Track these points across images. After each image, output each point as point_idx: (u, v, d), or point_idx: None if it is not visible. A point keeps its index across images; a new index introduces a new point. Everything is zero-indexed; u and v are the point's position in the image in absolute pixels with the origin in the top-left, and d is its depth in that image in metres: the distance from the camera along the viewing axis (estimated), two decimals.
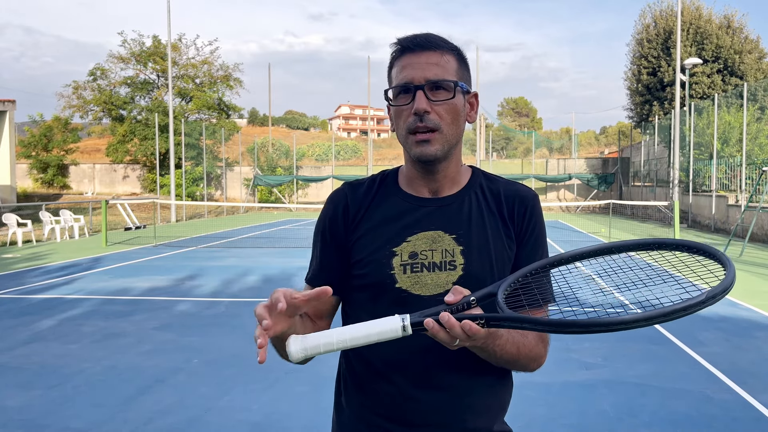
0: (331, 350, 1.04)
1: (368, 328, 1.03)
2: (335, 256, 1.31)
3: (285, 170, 33.90)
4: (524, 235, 1.29)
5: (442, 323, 1.00)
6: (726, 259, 0.97)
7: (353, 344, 1.03)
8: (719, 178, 19.34)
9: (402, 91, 1.22)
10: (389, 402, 1.25)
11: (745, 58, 25.97)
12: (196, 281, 9.33)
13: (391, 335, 1.02)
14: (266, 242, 15.70)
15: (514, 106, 62.32)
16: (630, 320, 0.88)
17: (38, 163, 32.33)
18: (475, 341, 1.05)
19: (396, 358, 1.23)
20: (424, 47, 1.22)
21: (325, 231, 1.33)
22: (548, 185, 32.04)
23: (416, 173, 1.30)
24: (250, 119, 61.16)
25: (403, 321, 1.02)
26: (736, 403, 4.16)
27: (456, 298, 1.04)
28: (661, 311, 0.88)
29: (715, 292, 0.89)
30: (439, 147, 1.22)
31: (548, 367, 5.09)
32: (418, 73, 1.20)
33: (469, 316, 1.01)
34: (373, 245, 1.26)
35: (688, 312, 0.88)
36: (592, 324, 0.90)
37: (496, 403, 1.30)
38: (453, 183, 1.30)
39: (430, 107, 1.19)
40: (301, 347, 1.03)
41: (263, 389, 4.46)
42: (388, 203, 1.30)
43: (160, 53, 32.96)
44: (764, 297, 7.91)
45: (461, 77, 1.25)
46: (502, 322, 1.00)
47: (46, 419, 3.93)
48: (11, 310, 7.32)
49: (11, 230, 15.37)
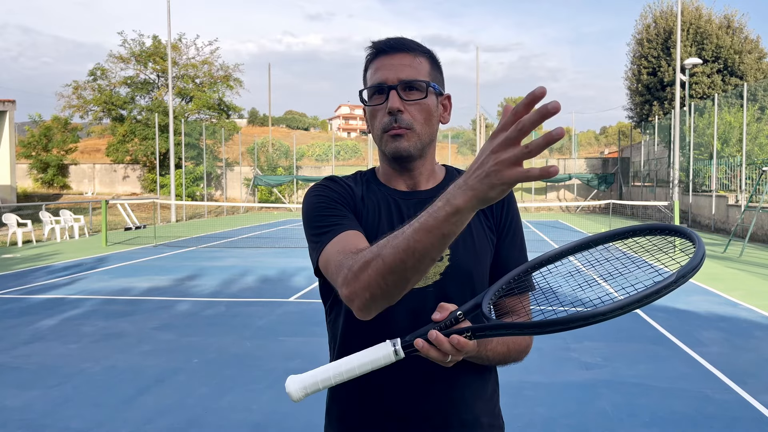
0: (329, 385, 1.06)
1: (361, 358, 1.05)
2: (353, 217, 1.27)
3: (285, 170, 33.91)
4: (503, 226, 1.34)
5: (431, 341, 1.02)
6: (695, 236, 0.98)
7: (350, 375, 1.05)
8: (719, 178, 19.34)
9: (376, 91, 1.25)
10: (381, 395, 1.27)
11: (745, 58, 25.97)
12: (196, 281, 9.33)
13: (385, 361, 1.05)
14: (266, 242, 15.70)
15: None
16: (606, 311, 0.90)
17: (38, 163, 32.34)
18: (467, 354, 1.07)
19: None
20: (398, 49, 1.25)
21: (338, 199, 1.27)
22: (548, 185, 32.05)
23: (392, 171, 1.33)
24: (250, 119, 61.15)
25: (394, 346, 1.04)
26: (735, 403, 4.16)
27: (443, 315, 1.06)
28: (635, 297, 0.89)
29: (685, 271, 0.90)
30: (412, 144, 1.24)
31: (548, 367, 5.12)
32: (392, 74, 1.23)
33: (456, 330, 1.03)
34: (371, 234, 1.26)
35: (662, 294, 0.89)
36: (570, 320, 0.92)
37: (484, 394, 1.33)
38: (429, 178, 1.34)
39: (403, 107, 1.22)
40: (300, 386, 1.05)
41: (263, 389, 4.46)
42: (375, 196, 1.32)
43: (160, 53, 32.96)
44: (764, 297, 7.91)
45: (434, 79, 1.28)
46: (487, 332, 1.02)
47: (46, 419, 3.93)
48: (11, 310, 7.32)
49: (11, 230, 15.37)
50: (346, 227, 1.20)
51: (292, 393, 1.05)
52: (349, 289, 1.03)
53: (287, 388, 1.05)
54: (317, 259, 1.21)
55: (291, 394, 1.05)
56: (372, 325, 1.21)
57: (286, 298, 8.02)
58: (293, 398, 1.05)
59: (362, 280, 1.00)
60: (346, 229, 1.19)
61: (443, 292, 1.24)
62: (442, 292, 1.24)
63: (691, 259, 0.93)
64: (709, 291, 8.19)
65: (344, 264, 1.07)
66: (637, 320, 6.44)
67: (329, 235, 1.19)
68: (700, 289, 8.27)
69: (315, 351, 5.44)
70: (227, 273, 10.14)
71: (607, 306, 0.90)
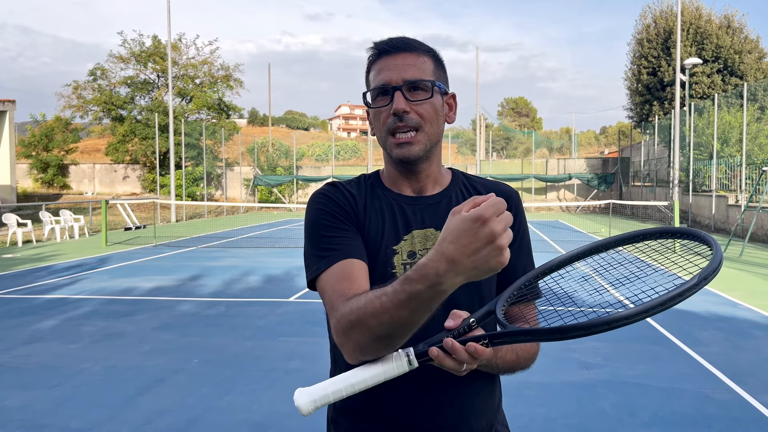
0: (341, 398, 1.02)
1: (374, 368, 1.01)
2: (355, 235, 1.24)
3: (285, 170, 33.91)
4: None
5: (446, 349, 0.99)
6: (711, 239, 0.97)
7: (362, 387, 1.02)
8: (719, 178, 19.34)
9: (380, 93, 1.23)
10: (390, 406, 1.24)
11: (745, 58, 25.96)
12: (196, 281, 9.33)
13: (398, 371, 1.01)
14: (266, 242, 15.70)
15: (514, 106, 62.29)
16: (630, 315, 0.88)
17: (38, 163, 32.33)
18: (481, 363, 1.05)
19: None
20: (401, 49, 1.23)
21: (340, 213, 1.25)
22: (548, 185, 32.03)
23: (398, 174, 1.30)
24: (250, 119, 61.13)
25: (408, 355, 1.01)
26: (735, 403, 4.16)
27: (456, 323, 1.03)
28: (657, 300, 0.88)
29: (707, 273, 0.89)
30: (421, 147, 1.22)
31: (548, 367, 5.11)
32: (396, 75, 1.21)
33: (472, 337, 1.00)
34: (375, 243, 1.25)
35: (684, 297, 0.88)
36: (592, 325, 0.89)
37: (493, 402, 1.31)
38: (435, 183, 1.31)
39: (408, 107, 1.20)
40: (310, 400, 1.01)
41: (263, 389, 4.46)
42: (379, 202, 1.29)
43: (160, 53, 32.96)
44: (764, 297, 7.91)
45: (438, 78, 1.26)
46: (504, 339, 1.00)
47: (46, 419, 3.93)
48: (11, 310, 7.32)
49: (11, 230, 15.37)
50: (344, 254, 1.18)
51: (302, 407, 1.00)
52: (339, 341, 1.05)
53: (296, 401, 1.00)
54: (313, 281, 1.21)
55: (300, 408, 1.00)
56: None
57: (286, 298, 8.02)
58: (302, 412, 1.01)
59: (352, 339, 1.02)
60: (344, 256, 1.18)
61: (451, 298, 1.19)
62: (450, 299, 1.19)
63: (710, 261, 0.91)
64: (709, 291, 8.19)
65: (336, 308, 1.08)
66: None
67: (326, 261, 1.18)
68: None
69: (315, 351, 5.44)
70: (227, 273, 10.14)
71: (630, 310, 0.88)
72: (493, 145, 44.24)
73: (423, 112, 1.21)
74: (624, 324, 0.89)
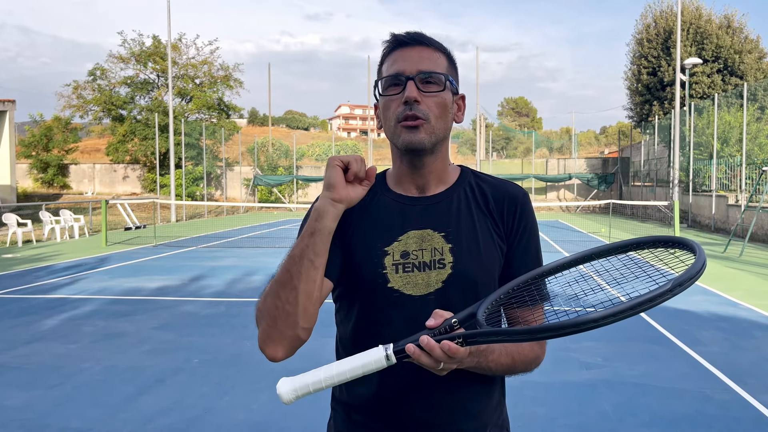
0: (320, 388, 1.06)
1: (353, 362, 1.06)
2: (334, 252, 1.25)
3: (285, 170, 33.91)
4: (515, 234, 1.28)
5: (422, 346, 1.01)
6: (696, 247, 0.98)
7: (341, 379, 1.06)
8: (719, 178, 19.34)
9: (393, 82, 1.23)
10: (383, 405, 1.24)
11: (745, 58, 25.97)
12: (196, 281, 9.33)
13: (376, 366, 1.04)
14: (266, 242, 15.70)
15: (514, 106, 62.31)
16: (598, 317, 0.90)
17: (38, 163, 32.32)
18: (460, 362, 1.06)
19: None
20: (418, 42, 1.24)
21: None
22: (548, 185, 32.04)
23: (404, 169, 1.29)
24: (250, 119, 61.15)
25: (386, 350, 1.04)
26: (735, 403, 4.16)
27: (437, 322, 1.05)
28: (628, 305, 0.90)
29: (681, 280, 0.90)
30: (426, 136, 1.21)
31: (548, 367, 5.11)
32: (410, 65, 1.21)
33: (447, 336, 1.02)
34: (364, 244, 1.25)
35: (656, 302, 0.89)
36: (562, 326, 0.92)
37: (489, 405, 1.30)
38: (440, 181, 1.30)
39: (420, 97, 1.20)
40: (291, 388, 1.05)
41: (263, 389, 4.46)
42: (378, 203, 1.29)
43: (160, 53, 32.95)
44: (764, 297, 7.91)
45: (451, 75, 1.26)
46: (478, 338, 1.01)
47: (46, 419, 3.93)
48: (11, 310, 7.32)
49: (11, 230, 15.38)
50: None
51: (283, 395, 1.05)
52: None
53: (278, 389, 1.05)
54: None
55: (282, 396, 1.05)
56: (369, 332, 1.21)
57: None
58: (284, 400, 1.05)
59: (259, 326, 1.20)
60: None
61: (445, 300, 1.20)
62: (444, 300, 1.20)
63: (688, 268, 0.93)
64: (709, 291, 8.19)
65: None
66: (637, 320, 6.44)
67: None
68: (700, 289, 8.27)
69: (315, 351, 5.42)
70: (227, 273, 10.14)
71: (599, 313, 0.90)
72: (493, 144, 44.24)
73: (433, 104, 1.22)
74: (593, 327, 0.91)
